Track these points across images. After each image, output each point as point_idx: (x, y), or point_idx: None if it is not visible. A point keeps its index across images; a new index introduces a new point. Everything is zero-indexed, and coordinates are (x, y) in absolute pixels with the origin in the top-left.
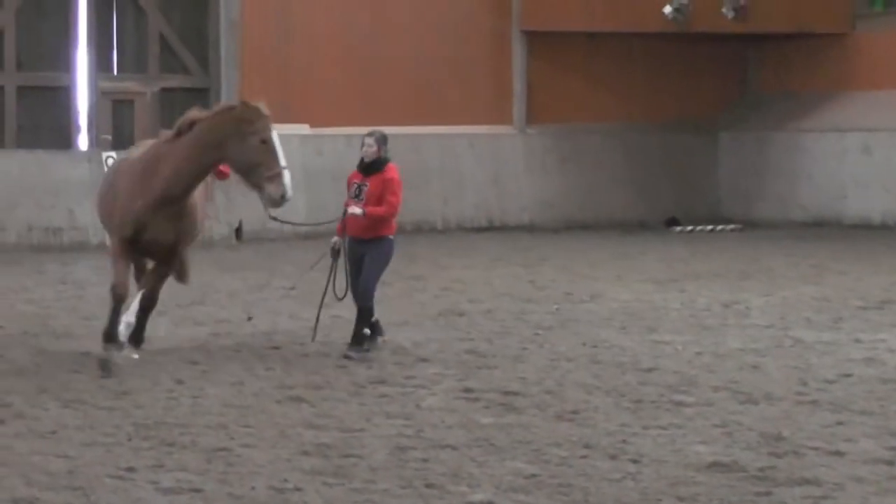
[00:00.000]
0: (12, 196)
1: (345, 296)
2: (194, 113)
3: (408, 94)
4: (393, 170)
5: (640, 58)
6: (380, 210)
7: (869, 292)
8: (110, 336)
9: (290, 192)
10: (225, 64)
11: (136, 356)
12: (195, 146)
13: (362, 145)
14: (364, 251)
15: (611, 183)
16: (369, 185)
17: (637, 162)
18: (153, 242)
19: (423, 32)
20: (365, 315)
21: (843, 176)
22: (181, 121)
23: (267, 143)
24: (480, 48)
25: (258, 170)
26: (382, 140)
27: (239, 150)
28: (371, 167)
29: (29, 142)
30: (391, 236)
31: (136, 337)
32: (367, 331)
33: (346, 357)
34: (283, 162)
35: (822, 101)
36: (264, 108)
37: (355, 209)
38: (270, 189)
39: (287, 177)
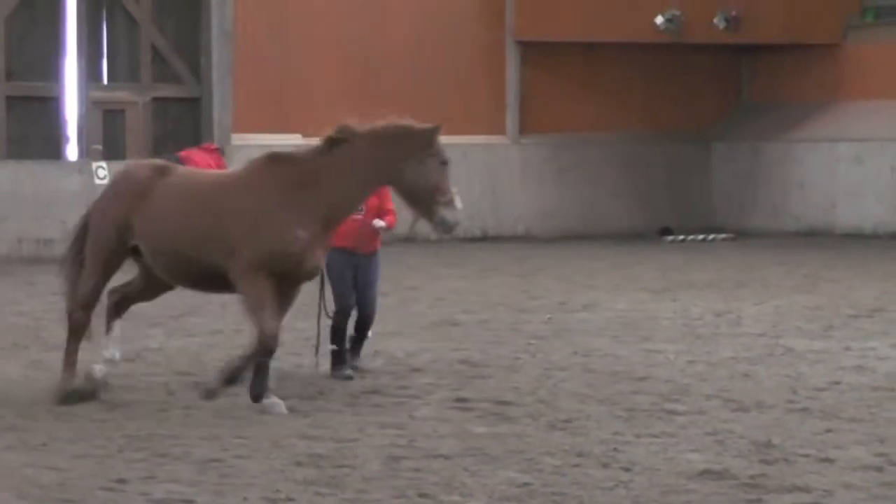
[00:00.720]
0: (3, 207)
1: (335, 314)
2: (350, 124)
3: (402, 104)
4: None
5: (633, 68)
6: (393, 221)
7: (860, 301)
8: (259, 394)
9: (461, 217)
10: (217, 73)
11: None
12: (364, 164)
13: None
14: (360, 264)
15: (606, 193)
16: None
17: (631, 172)
18: (305, 275)
19: (417, 42)
20: (368, 326)
21: (835, 186)
22: (336, 132)
23: (446, 165)
24: (475, 58)
25: (434, 194)
26: None
27: (417, 172)
28: None
29: (19, 152)
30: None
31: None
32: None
33: (354, 368)
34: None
35: (815, 112)
36: (437, 127)
37: (380, 222)
38: (446, 214)
39: (459, 201)
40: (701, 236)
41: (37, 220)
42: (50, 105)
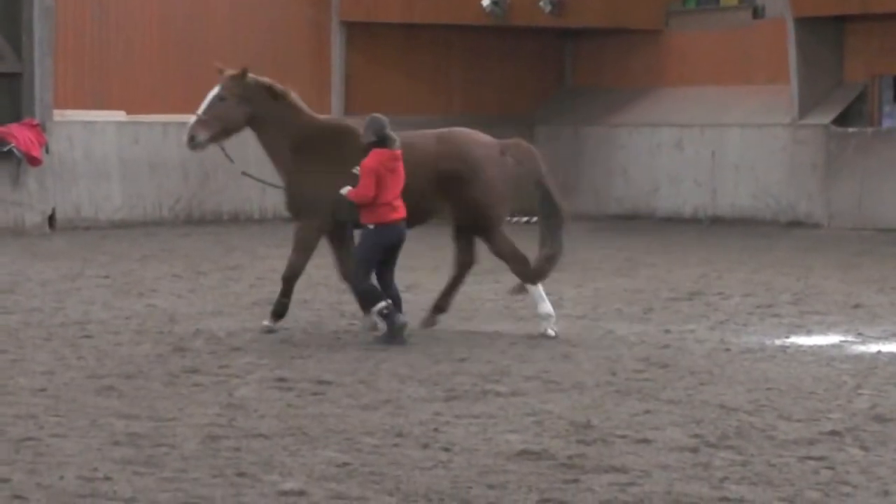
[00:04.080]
0: None
1: None
2: None
3: None
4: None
5: (459, 51)
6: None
7: (679, 284)
8: None
9: None
10: (38, 49)
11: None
12: None
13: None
14: None
15: None
16: None
17: None
18: None
19: (242, 21)
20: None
21: (656, 170)
22: None
23: None
24: (300, 38)
25: None
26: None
27: None
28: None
29: None
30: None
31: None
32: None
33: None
34: None
35: (637, 97)
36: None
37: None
38: None
39: None
40: (525, 219)
41: None
42: None
